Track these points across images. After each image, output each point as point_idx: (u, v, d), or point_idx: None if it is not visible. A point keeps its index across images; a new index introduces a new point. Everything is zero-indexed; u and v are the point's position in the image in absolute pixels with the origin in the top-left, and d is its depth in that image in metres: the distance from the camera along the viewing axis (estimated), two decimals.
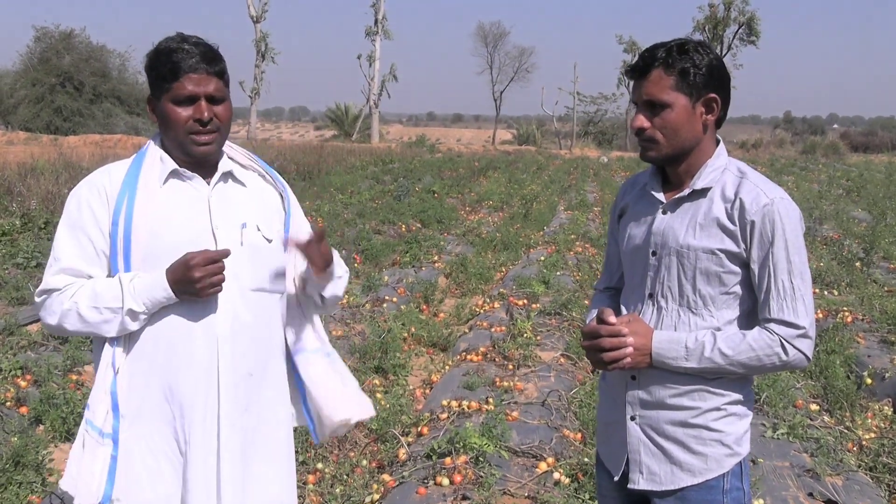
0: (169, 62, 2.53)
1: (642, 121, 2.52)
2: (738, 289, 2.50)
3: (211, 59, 2.57)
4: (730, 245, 2.46)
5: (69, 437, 5.52)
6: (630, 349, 2.46)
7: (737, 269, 2.48)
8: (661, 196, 2.61)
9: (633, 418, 2.62)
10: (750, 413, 2.61)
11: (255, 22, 48.70)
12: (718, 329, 2.49)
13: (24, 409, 5.74)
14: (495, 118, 68.07)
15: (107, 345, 2.56)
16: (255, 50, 48.88)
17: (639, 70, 2.51)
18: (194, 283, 2.47)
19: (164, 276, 2.50)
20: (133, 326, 2.52)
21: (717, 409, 2.52)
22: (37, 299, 2.60)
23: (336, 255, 2.80)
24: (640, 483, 2.60)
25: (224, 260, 2.54)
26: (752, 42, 49.55)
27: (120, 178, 2.61)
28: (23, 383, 6.05)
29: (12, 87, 44.90)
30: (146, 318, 2.53)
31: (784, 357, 2.42)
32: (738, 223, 2.45)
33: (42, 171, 16.71)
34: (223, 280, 2.52)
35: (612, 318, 2.50)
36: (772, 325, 2.43)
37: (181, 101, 2.54)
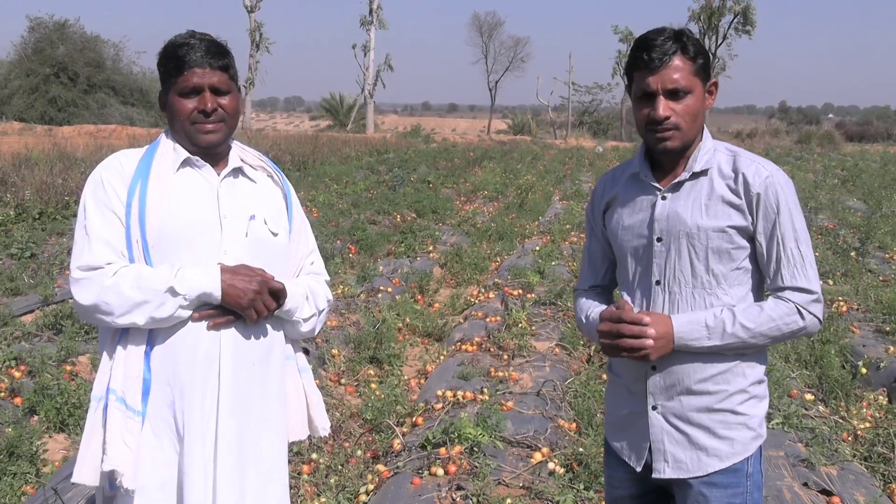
0: (175, 56, 2.63)
1: (668, 108, 2.47)
2: (746, 263, 2.53)
3: (215, 52, 2.65)
4: (738, 220, 2.48)
5: (63, 427, 5.51)
6: (650, 341, 2.45)
7: (745, 243, 2.51)
8: (654, 183, 2.59)
9: (654, 408, 2.60)
10: (767, 395, 2.65)
11: (250, 11, 48.61)
12: (733, 306, 2.50)
13: (18, 400, 5.73)
14: (490, 108, 68.02)
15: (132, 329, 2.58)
16: (249, 40, 48.80)
17: (658, 60, 2.46)
18: (249, 292, 2.56)
19: (218, 270, 2.56)
20: (164, 312, 2.52)
21: (743, 391, 2.54)
22: (75, 275, 2.57)
23: (301, 293, 2.80)
24: (665, 472, 2.59)
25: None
26: (748, 32, 49.44)
27: (134, 164, 2.67)
28: (17, 374, 6.04)
29: (6, 78, 44.72)
30: (184, 307, 2.54)
31: (801, 322, 2.47)
32: (743, 197, 2.48)
33: (36, 162, 16.66)
34: (265, 313, 2.62)
35: (634, 309, 2.53)
36: (786, 293, 2.48)
37: (186, 92, 2.63)
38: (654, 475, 2.61)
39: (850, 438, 5.62)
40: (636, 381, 2.64)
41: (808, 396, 6.22)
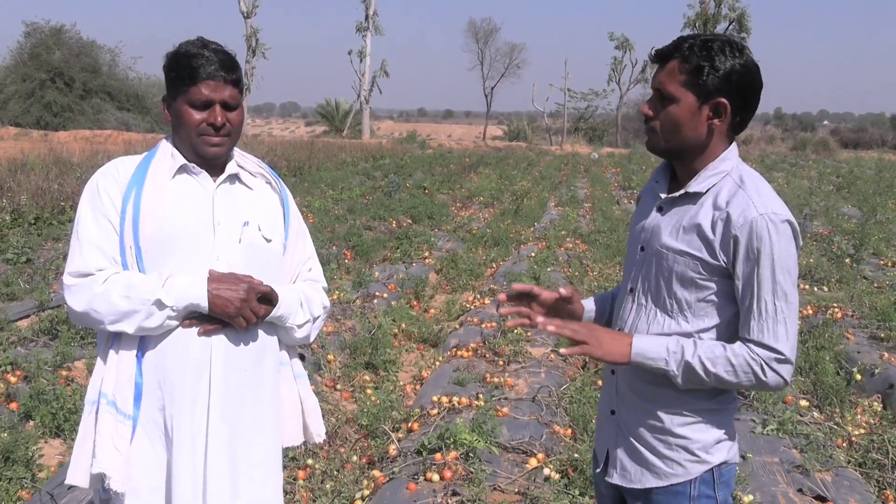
0: (188, 66, 2.62)
1: (647, 109, 2.45)
2: (715, 298, 2.39)
3: (229, 67, 2.66)
4: (705, 255, 2.36)
5: (59, 432, 5.51)
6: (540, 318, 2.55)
7: (714, 278, 2.38)
8: (663, 194, 2.53)
9: (612, 412, 2.62)
10: (725, 422, 2.51)
11: (246, 17, 48.57)
12: (692, 335, 2.41)
13: (14, 405, 5.72)
14: (486, 114, 68.13)
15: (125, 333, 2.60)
16: (245, 45, 48.79)
17: (660, 56, 2.43)
18: (236, 300, 2.56)
19: (204, 279, 2.57)
20: (152, 323, 2.54)
21: (682, 414, 2.45)
22: (67, 282, 2.60)
23: (295, 300, 2.80)
24: (613, 477, 2.60)
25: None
26: (743, 39, 49.26)
27: (130, 170, 2.69)
28: (13, 379, 6.03)
29: (2, 83, 44.62)
30: (172, 318, 2.56)
31: (762, 378, 2.31)
32: (718, 234, 2.34)
33: (32, 167, 16.66)
34: (253, 320, 2.63)
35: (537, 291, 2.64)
36: (751, 347, 2.33)
37: (197, 105, 2.63)
38: (606, 477, 2.64)
39: (844, 444, 5.64)
40: (606, 383, 2.68)
41: (803, 402, 6.23)
